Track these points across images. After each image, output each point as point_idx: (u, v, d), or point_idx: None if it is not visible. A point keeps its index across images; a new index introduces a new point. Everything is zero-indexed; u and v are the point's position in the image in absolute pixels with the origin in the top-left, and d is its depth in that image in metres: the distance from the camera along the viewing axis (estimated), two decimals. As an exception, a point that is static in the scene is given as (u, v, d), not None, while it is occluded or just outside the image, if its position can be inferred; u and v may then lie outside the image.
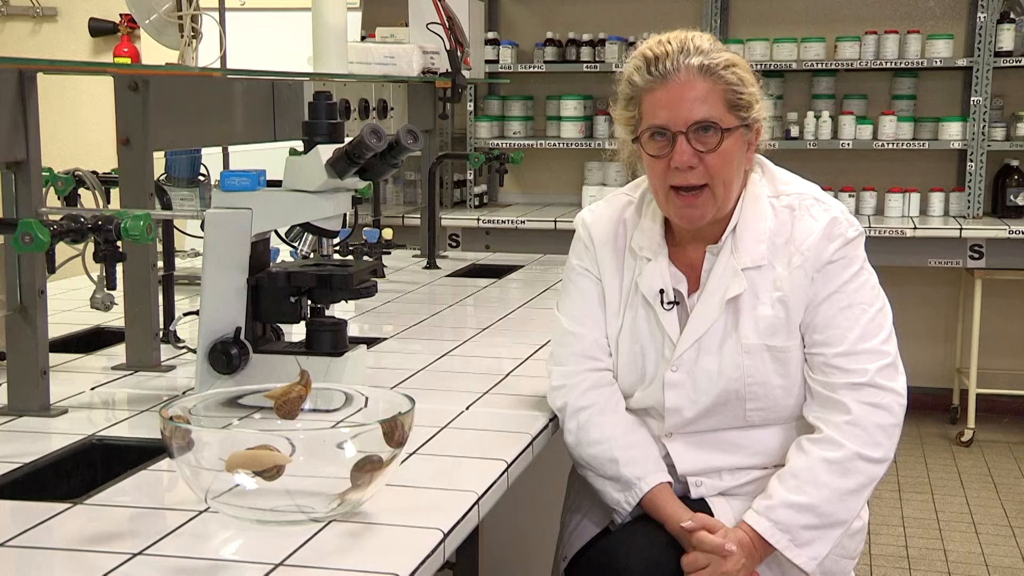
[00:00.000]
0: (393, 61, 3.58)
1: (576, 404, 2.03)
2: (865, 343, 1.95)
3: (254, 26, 4.99)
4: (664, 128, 1.91)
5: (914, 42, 5.50)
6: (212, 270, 1.99)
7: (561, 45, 5.91)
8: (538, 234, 5.41)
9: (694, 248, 2.03)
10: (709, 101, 1.90)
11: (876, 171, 5.72)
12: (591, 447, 2.02)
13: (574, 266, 2.11)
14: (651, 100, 1.93)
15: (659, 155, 1.93)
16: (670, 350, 2.00)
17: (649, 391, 2.03)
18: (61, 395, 2.10)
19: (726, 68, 1.92)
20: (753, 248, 1.97)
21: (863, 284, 1.98)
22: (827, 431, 1.93)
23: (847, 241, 1.97)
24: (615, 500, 2.01)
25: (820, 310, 1.96)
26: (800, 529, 1.90)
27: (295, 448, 1.48)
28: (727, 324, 1.98)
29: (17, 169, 1.94)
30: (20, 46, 6.14)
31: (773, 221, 1.99)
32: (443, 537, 1.48)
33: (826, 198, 2.03)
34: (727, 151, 1.92)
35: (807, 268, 1.95)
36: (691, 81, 1.90)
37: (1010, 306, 5.72)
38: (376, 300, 3.06)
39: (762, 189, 2.02)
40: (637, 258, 2.04)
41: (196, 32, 2.50)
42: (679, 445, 2.04)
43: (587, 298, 2.08)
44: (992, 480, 4.87)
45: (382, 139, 1.99)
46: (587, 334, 2.07)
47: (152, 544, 1.43)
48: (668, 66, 1.90)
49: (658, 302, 2.00)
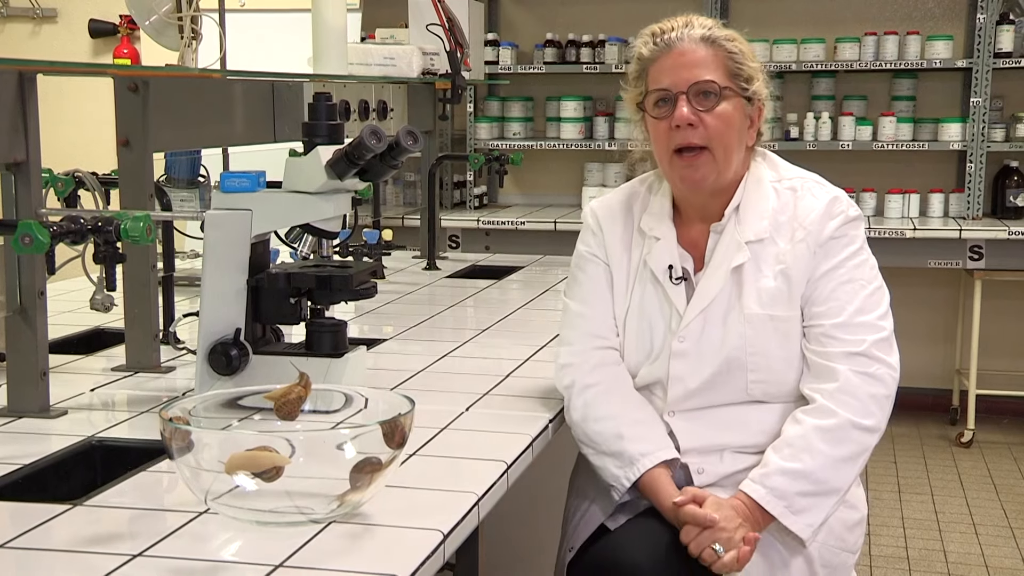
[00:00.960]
0: (393, 62, 3.58)
1: (584, 381, 2.07)
2: (863, 316, 2.01)
3: (254, 27, 5.00)
4: (667, 90, 2.01)
5: (914, 43, 5.50)
6: (212, 271, 1.99)
7: (561, 46, 5.91)
8: (538, 235, 5.41)
9: (699, 229, 2.10)
10: (710, 66, 2.01)
11: (876, 172, 5.72)
12: (597, 423, 2.04)
13: (582, 252, 2.17)
14: (656, 69, 2.03)
15: (662, 117, 2.02)
16: (677, 322, 2.05)
17: (656, 365, 2.07)
18: (61, 396, 2.10)
19: (728, 40, 2.04)
20: (756, 223, 2.05)
21: (863, 263, 2.05)
22: (820, 400, 1.97)
23: (848, 219, 2.05)
24: (614, 476, 2.03)
25: (820, 283, 2.02)
26: (795, 496, 1.93)
27: (295, 449, 1.48)
28: (731, 295, 2.03)
29: (17, 170, 1.94)
30: (20, 47, 6.14)
31: (776, 201, 2.07)
32: (443, 538, 1.48)
33: (827, 183, 2.12)
34: (726, 114, 2.00)
35: (809, 242, 2.02)
36: (693, 48, 2.02)
37: (1010, 307, 5.72)
38: (376, 301, 3.06)
39: (765, 173, 2.11)
40: (646, 238, 2.11)
41: (196, 33, 2.50)
42: (681, 422, 2.06)
43: (595, 281, 2.14)
44: (992, 481, 4.87)
45: (382, 140, 1.99)
46: (595, 315, 2.12)
47: (152, 545, 1.43)
48: (672, 36, 2.03)
49: (667, 277, 2.07)
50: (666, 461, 2.01)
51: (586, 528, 2.10)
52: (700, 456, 2.05)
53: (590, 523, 2.10)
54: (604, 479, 2.06)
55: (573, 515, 2.17)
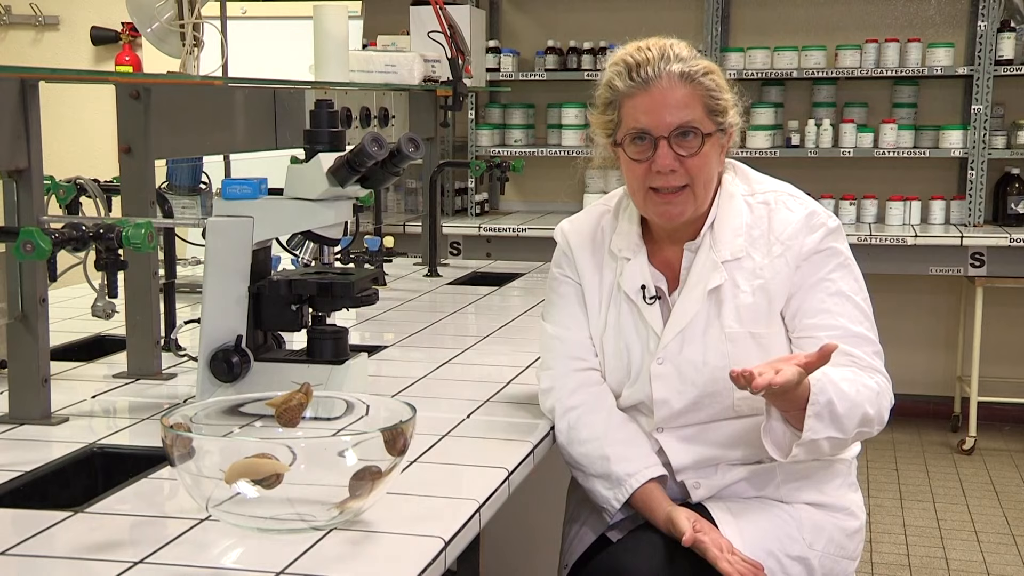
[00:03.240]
0: (394, 69, 3.59)
1: (565, 404, 2.06)
2: (856, 327, 2.00)
3: (256, 35, 5.00)
4: (646, 132, 1.96)
5: (915, 50, 5.51)
6: (213, 278, 1.99)
7: (562, 53, 5.92)
8: (539, 242, 5.40)
9: (672, 248, 2.08)
10: (690, 106, 1.95)
11: (877, 179, 5.73)
12: (582, 445, 2.04)
13: (555, 275, 2.16)
14: (632, 105, 1.97)
15: (640, 159, 1.98)
16: (654, 343, 2.04)
17: (637, 386, 2.06)
18: (62, 403, 2.10)
19: (705, 75, 1.97)
20: (731, 241, 2.02)
21: (848, 275, 2.03)
22: (858, 372, 1.94)
23: (829, 231, 2.02)
24: (604, 498, 2.02)
25: (808, 295, 2.00)
26: (826, 406, 1.85)
27: (296, 456, 1.48)
28: (709, 314, 2.01)
29: (19, 177, 1.94)
30: (22, 55, 6.15)
31: (749, 216, 2.04)
32: (444, 545, 1.48)
33: (800, 194, 2.08)
34: (706, 154, 1.97)
35: (789, 258, 2.00)
36: (672, 87, 1.95)
37: (1011, 314, 5.72)
38: (377, 308, 3.06)
39: (736, 188, 2.08)
40: (617, 259, 2.09)
41: (198, 41, 2.50)
42: (671, 439, 2.05)
43: (569, 303, 2.13)
44: (994, 488, 4.87)
45: (383, 147, 1.99)
46: (572, 337, 2.11)
47: (153, 552, 1.43)
48: (650, 72, 1.95)
49: (640, 297, 2.05)
50: (655, 478, 2.01)
51: (580, 544, 2.10)
52: (695, 472, 2.05)
53: (584, 539, 2.10)
54: (596, 501, 2.05)
55: (569, 531, 2.16)
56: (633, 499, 2.00)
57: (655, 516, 1.98)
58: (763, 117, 5.66)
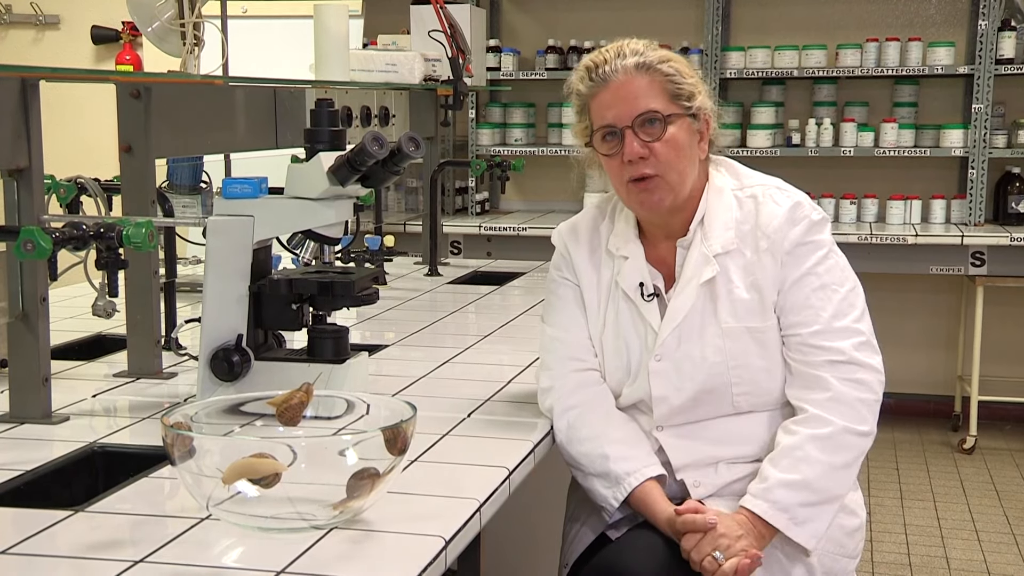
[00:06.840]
0: (395, 68, 3.59)
1: (564, 404, 2.07)
2: (839, 321, 2.00)
3: (256, 34, 5.01)
4: (612, 126, 2.00)
5: (915, 50, 5.51)
6: (214, 277, 2.00)
7: (563, 52, 5.92)
8: (540, 241, 5.39)
9: (666, 246, 2.09)
10: (650, 94, 2.00)
11: (877, 178, 5.72)
12: (581, 444, 2.04)
13: (554, 277, 2.18)
14: (597, 104, 2.03)
15: (612, 154, 2.02)
16: (652, 340, 2.05)
17: (636, 384, 2.07)
18: (63, 402, 2.10)
19: (662, 63, 2.02)
20: (722, 234, 2.04)
21: (833, 266, 2.03)
22: (812, 410, 1.97)
23: (812, 224, 2.03)
24: (603, 497, 2.02)
25: (792, 291, 2.01)
26: (798, 507, 1.93)
27: (297, 455, 1.48)
28: (705, 310, 2.03)
29: (19, 176, 1.94)
30: (23, 54, 6.16)
31: (738, 211, 2.06)
32: (445, 544, 1.48)
33: (787, 187, 2.10)
34: (674, 139, 1.99)
35: (774, 251, 2.01)
36: (630, 79, 2.00)
37: (1012, 313, 5.71)
38: (378, 307, 3.06)
39: (725, 182, 2.10)
40: (614, 258, 2.11)
41: (198, 40, 2.50)
42: (670, 437, 2.06)
43: (568, 304, 2.14)
44: (994, 487, 4.87)
45: (384, 146, 1.99)
46: (571, 337, 2.12)
47: (153, 552, 1.43)
48: (607, 69, 2.02)
49: (638, 295, 2.06)
50: (653, 477, 2.01)
51: (580, 543, 2.10)
52: (695, 470, 2.05)
53: (584, 538, 2.10)
54: (595, 500, 2.05)
55: (569, 530, 2.17)
56: (632, 498, 2.00)
57: (654, 515, 1.98)
58: (764, 116, 5.66)
